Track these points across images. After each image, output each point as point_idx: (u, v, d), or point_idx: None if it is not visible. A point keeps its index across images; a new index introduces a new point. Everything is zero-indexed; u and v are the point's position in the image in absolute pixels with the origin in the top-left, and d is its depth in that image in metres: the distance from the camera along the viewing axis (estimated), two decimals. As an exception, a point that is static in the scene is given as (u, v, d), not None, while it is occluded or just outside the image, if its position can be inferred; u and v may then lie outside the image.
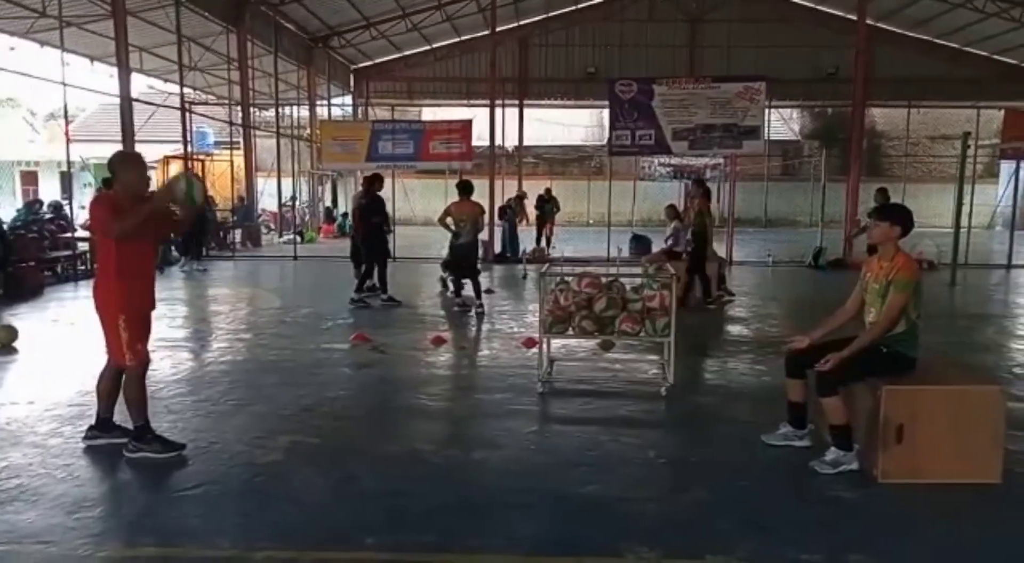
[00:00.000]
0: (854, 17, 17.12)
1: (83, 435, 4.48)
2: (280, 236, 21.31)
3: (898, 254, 4.12)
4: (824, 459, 4.07)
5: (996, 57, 24.83)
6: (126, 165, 4.27)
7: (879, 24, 23.49)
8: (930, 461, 3.93)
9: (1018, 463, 4.20)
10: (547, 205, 18.00)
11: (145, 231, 4.23)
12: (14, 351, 7.02)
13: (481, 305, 9.19)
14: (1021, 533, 3.49)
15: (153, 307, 4.42)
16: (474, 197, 9.42)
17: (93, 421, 4.48)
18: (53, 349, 7.32)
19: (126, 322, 4.17)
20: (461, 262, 9.39)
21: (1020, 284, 13.14)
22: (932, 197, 27.48)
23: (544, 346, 5.90)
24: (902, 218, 4.14)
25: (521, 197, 18.48)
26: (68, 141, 13.24)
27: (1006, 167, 25.06)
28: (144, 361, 4.30)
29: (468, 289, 9.41)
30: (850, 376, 4.07)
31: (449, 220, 9.31)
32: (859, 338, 4.07)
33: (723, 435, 4.83)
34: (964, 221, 12.87)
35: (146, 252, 4.39)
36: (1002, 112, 17.65)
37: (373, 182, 9.90)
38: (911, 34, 24.78)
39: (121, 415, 4.41)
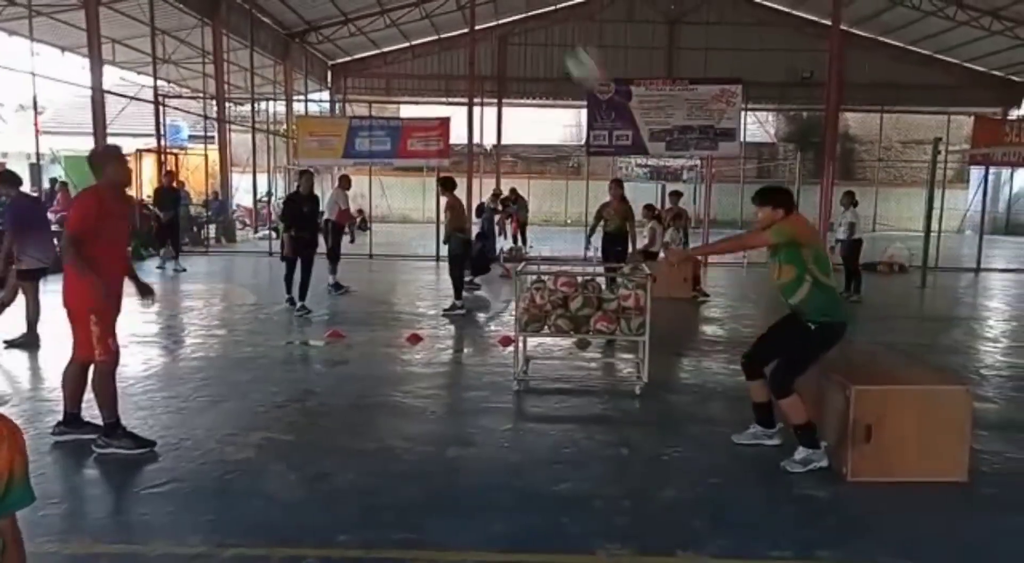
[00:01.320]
0: (829, 22, 17.32)
1: (51, 431, 4.40)
2: (255, 232, 21.11)
3: (791, 216, 4.20)
4: (794, 458, 4.12)
5: (967, 65, 25.31)
6: (107, 159, 4.26)
7: (853, 30, 23.82)
8: (899, 460, 3.99)
9: (984, 462, 4.29)
10: (513, 205, 17.94)
11: (116, 226, 4.20)
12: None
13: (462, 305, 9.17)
14: (987, 530, 3.56)
15: (119, 307, 4.35)
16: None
17: (61, 417, 4.41)
18: (20, 345, 7.18)
19: (96, 317, 4.11)
20: (462, 260, 9.40)
21: (988, 287, 13.40)
22: (903, 201, 27.95)
23: (520, 344, 5.91)
24: (779, 200, 4.22)
25: (496, 195, 18.42)
26: (37, 133, 13.02)
27: (976, 173, 25.54)
28: (115, 356, 4.23)
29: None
30: (798, 367, 4.13)
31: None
32: (720, 241, 4.43)
33: (696, 434, 4.87)
34: (934, 225, 13.08)
35: (116, 247, 4.33)
36: (972, 118, 17.98)
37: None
38: (885, 40, 25.16)
39: (90, 411, 4.35)
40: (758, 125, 30.02)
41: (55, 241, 7.04)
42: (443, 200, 9.52)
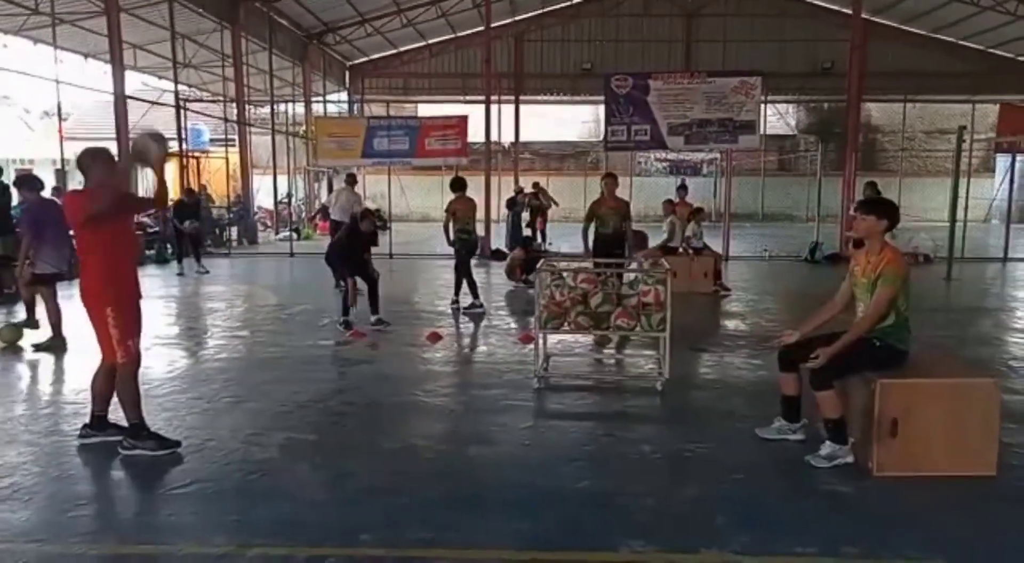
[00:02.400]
0: (850, 11, 17.10)
1: (78, 433, 4.47)
2: (276, 233, 21.27)
3: (886, 248, 4.12)
4: (819, 453, 4.07)
5: (992, 51, 24.83)
6: (96, 161, 4.22)
7: (875, 18, 23.46)
8: (925, 454, 3.93)
9: (1014, 456, 4.21)
10: (535, 201, 17.88)
11: (121, 213, 4.24)
12: (20, 350, 6.99)
13: (456, 302, 9.12)
14: (1016, 526, 3.49)
15: (139, 296, 4.39)
16: (471, 194, 9.43)
17: (88, 419, 4.47)
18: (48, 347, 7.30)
19: (114, 316, 4.15)
20: (468, 260, 9.25)
21: (1016, 277, 13.16)
22: (928, 191, 27.48)
23: (540, 341, 5.90)
24: (888, 212, 4.14)
25: (525, 191, 18.25)
26: (62, 139, 13.21)
27: (1002, 161, 25.09)
28: (135, 358, 4.28)
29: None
30: (844, 370, 4.07)
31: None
32: (848, 332, 4.07)
33: (719, 429, 4.83)
34: (960, 215, 12.87)
35: (127, 241, 4.38)
36: (997, 106, 17.67)
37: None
38: (907, 28, 24.76)
39: (116, 413, 4.41)
40: (778, 117, 29.71)
41: (72, 247, 7.15)
42: (459, 200, 9.29)
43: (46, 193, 7.63)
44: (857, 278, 4.21)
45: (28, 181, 7.20)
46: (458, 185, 9.32)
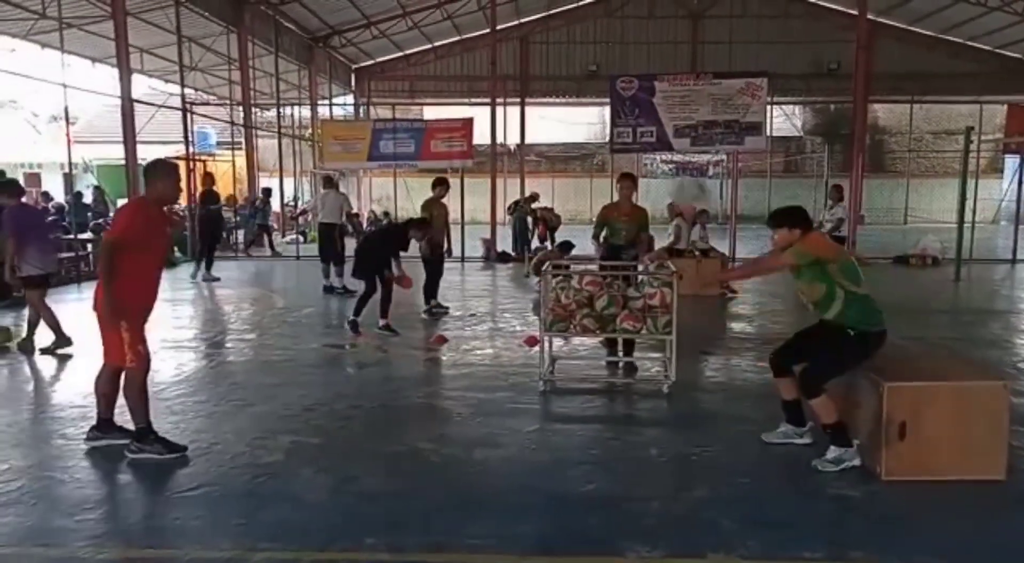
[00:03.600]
0: (856, 12, 17.05)
1: (84, 436, 4.48)
2: (283, 236, 21.30)
3: (808, 235, 4.17)
4: (826, 457, 4.05)
5: (999, 51, 24.71)
6: (163, 175, 4.31)
7: (880, 19, 23.41)
8: (934, 458, 3.91)
9: (1022, 459, 4.18)
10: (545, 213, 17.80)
11: (156, 240, 4.31)
12: (7, 351, 7.03)
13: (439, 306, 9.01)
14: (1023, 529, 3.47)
15: (152, 309, 4.42)
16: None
17: (94, 422, 4.48)
18: (55, 351, 7.33)
19: (127, 326, 4.17)
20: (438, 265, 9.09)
21: (1024, 279, 13.09)
22: (936, 192, 27.40)
23: (545, 344, 5.89)
24: (795, 220, 4.19)
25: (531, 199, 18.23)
26: (70, 143, 13.27)
27: (1011, 162, 24.98)
28: (145, 362, 4.29)
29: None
30: (831, 371, 4.07)
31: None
32: (735, 269, 4.30)
33: (725, 433, 4.81)
34: (968, 216, 12.81)
35: (156, 259, 4.39)
36: (1005, 107, 17.59)
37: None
38: (913, 29, 24.68)
39: (123, 416, 4.42)
40: (785, 118, 29.64)
41: (56, 249, 7.20)
42: (439, 202, 9.05)
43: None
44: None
45: (6, 186, 7.27)
46: (444, 184, 9.11)
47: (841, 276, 4.04)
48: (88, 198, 17.17)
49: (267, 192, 18.53)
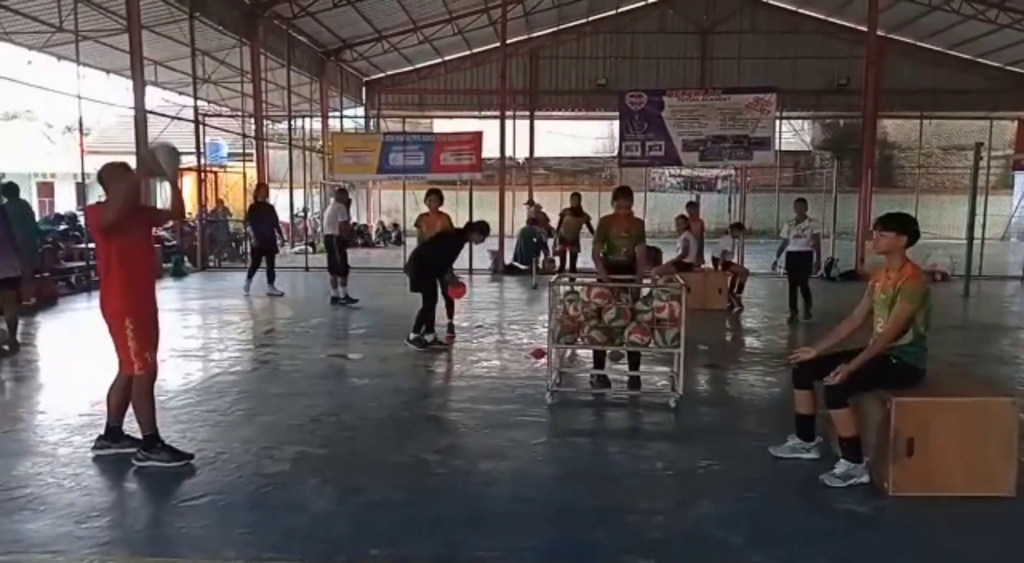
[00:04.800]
0: (865, 28, 17.09)
1: (92, 445, 4.50)
2: (292, 247, 21.41)
3: (906, 264, 4.09)
4: (834, 472, 4.03)
5: (1009, 68, 24.70)
6: (114, 175, 4.26)
7: (891, 35, 23.45)
8: (942, 474, 3.88)
9: (1032, 477, 4.14)
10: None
11: (137, 225, 4.29)
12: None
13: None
14: (1035, 548, 3.44)
15: (156, 310, 4.44)
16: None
17: (102, 431, 4.51)
18: (64, 359, 7.39)
19: (133, 328, 4.20)
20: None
21: (1035, 296, 13.01)
22: (946, 208, 27.27)
23: (553, 356, 5.89)
24: (907, 227, 4.11)
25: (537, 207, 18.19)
26: (83, 153, 13.40)
27: (1020, 178, 24.89)
28: (152, 370, 4.32)
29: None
30: (859, 387, 4.03)
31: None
32: (867, 349, 4.04)
33: (732, 447, 4.79)
34: (978, 232, 12.76)
35: (145, 253, 4.43)
36: (1015, 123, 17.55)
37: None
38: (923, 45, 24.70)
39: (130, 425, 4.44)
40: (793, 133, 29.66)
41: (15, 253, 7.34)
42: (433, 217, 8.55)
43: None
44: (876, 294, 4.18)
45: None
46: (438, 197, 8.74)
47: (921, 318, 4.02)
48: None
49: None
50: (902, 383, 4.01)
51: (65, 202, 25.35)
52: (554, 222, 15.98)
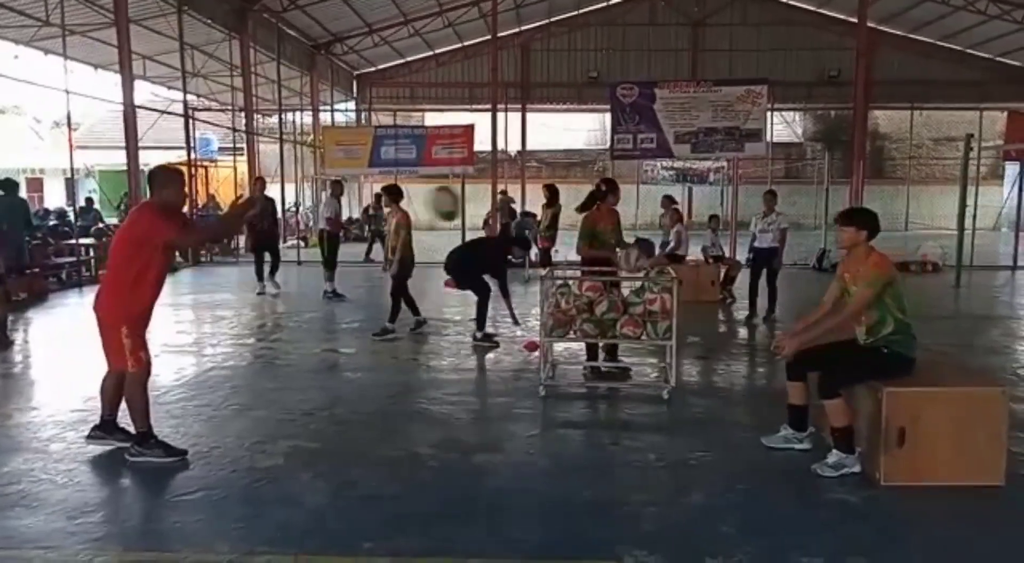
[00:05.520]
0: (856, 20, 17.10)
1: (86, 434, 4.49)
2: (284, 241, 21.33)
3: (872, 253, 4.16)
4: (826, 462, 4.06)
5: (999, 59, 24.77)
6: (169, 182, 4.33)
7: (881, 27, 23.47)
8: (933, 464, 3.91)
9: (1022, 465, 4.18)
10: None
11: (161, 249, 4.29)
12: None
13: (423, 321, 8.30)
14: (1022, 535, 3.47)
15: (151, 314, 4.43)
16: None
17: (97, 422, 4.50)
18: (56, 355, 7.35)
19: (128, 332, 4.19)
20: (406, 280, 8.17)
21: (1025, 286, 13.09)
22: (937, 199, 27.38)
23: (545, 349, 5.89)
24: (866, 221, 4.18)
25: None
26: (72, 148, 13.31)
27: (1011, 169, 24.98)
28: (147, 367, 4.31)
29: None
30: (852, 378, 4.07)
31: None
32: (820, 322, 4.19)
33: (724, 438, 4.82)
34: (969, 223, 12.82)
35: (163, 266, 4.40)
36: (1005, 114, 17.63)
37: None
38: (913, 36, 24.74)
39: (124, 418, 4.43)
40: (785, 125, 29.70)
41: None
42: (389, 213, 8.37)
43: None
44: (848, 285, 4.23)
45: None
46: (397, 192, 8.44)
47: (894, 304, 4.07)
48: (96, 204, 17.23)
49: (380, 198, 16.67)
50: (894, 373, 4.04)
51: (54, 198, 25.21)
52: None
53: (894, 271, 4.17)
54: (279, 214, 11.18)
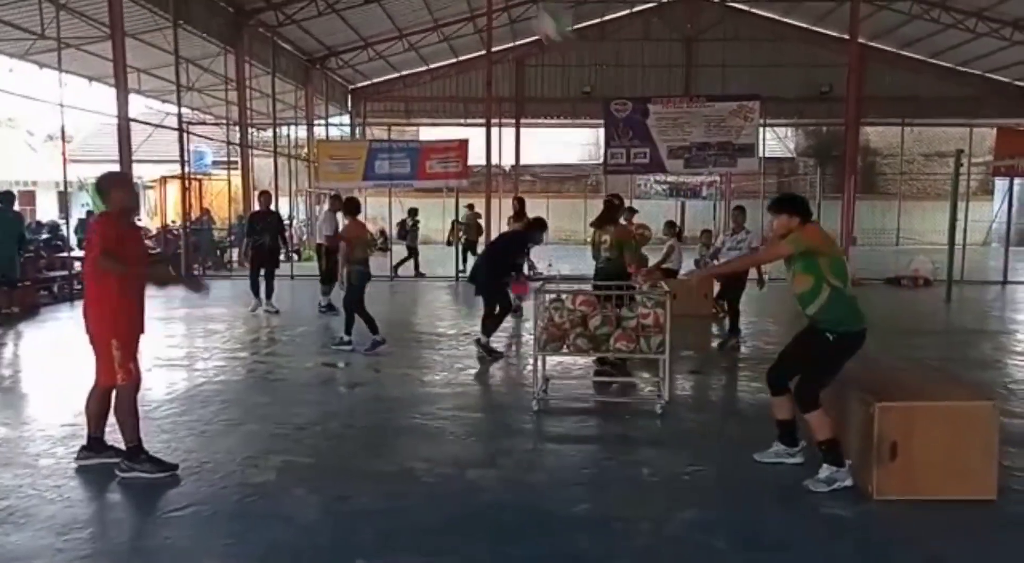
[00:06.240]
0: (847, 36, 17.28)
1: (75, 456, 4.45)
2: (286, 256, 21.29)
3: (807, 226, 4.17)
4: (818, 477, 4.05)
5: (988, 75, 25.04)
6: (114, 185, 4.32)
7: (872, 43, 23.70)
8: (925, 478, 3.91)
9: (1014, 480, 4.20)
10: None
11: (128, 255, 4.26)
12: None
13: (381, 340, 7.93)
14: (1016, 550, 3.47)
15: (143, 330, 4.41)
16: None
17: (85, 441, 4.46)
18: (46, 369, 7.31)
19: (118, 344, 4.17)
20: (360, 294, 7.97)
21: (1016, 300, 13.16)
22: (927, 214, 27.59)
23: (539, 364, 5.89)
24: (795, 207, 4.21)
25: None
26: (65, 161, 13.29)
27: (1001, 184, 25.18)
28: (136, 380, 4.29)
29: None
30: (820, 380, 4.09)
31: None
32: (728, 262, 4.23)
33: (718, 453, 4.82)
34: (959, 238, 12.91)
35: (138, 277, 4.39)
36: (995, 130, 17.80)
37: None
38: (904, 53, 25.00)
39: (113, 435, 4.40)
40: (777, 140, 29.90)
41: None
42: (343, 226, 8.36)
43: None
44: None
45: None
46: (354, 209, 8.34)
47: (829, 271, 4.07)
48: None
49: (413, 212, 17.11)
50: (850, 350, 4.07)
51: (47, 211, 25.12)
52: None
53: (828, 244, 4.18)
54: (287, 230, 10.31)
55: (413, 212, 17.18)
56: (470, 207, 17.47)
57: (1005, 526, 3.72)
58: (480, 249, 17.01)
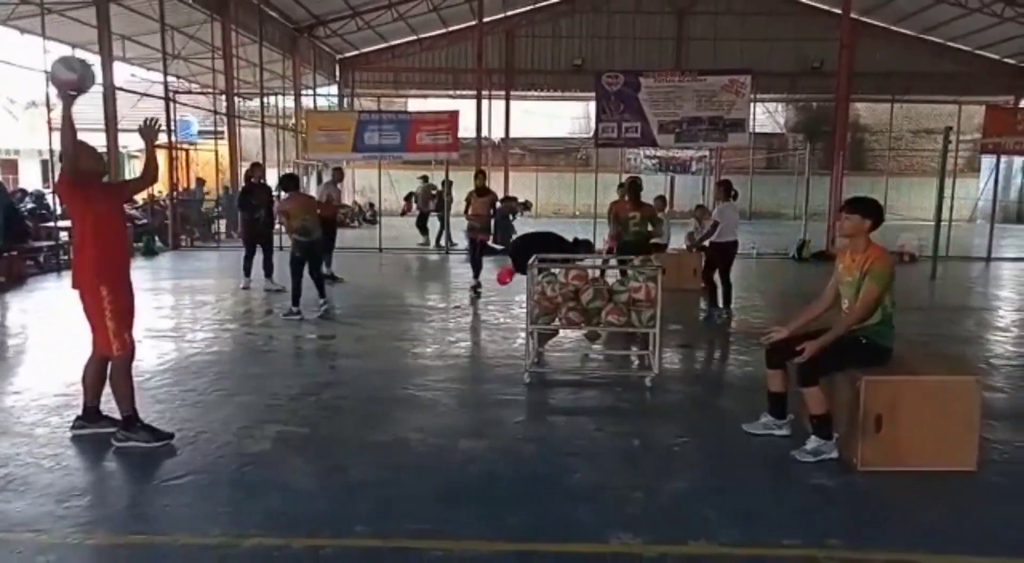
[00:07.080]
0: (839, 11, 17.22)
1: (70, 425, 4.48)
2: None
3: (871, 246, 4.19)
4: (805, 448, 4.15)
5: (979, 52, 25.08)
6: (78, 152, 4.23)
7: (864, 18, 23.64)
8: (908, 449, 4.02)
9: (993, 451, 4.31)
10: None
11: (109, 198, 4.33)
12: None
13: (326, 303, 8.42)
14: (993, 517, 3.58)
15: (132, 294, 4.42)
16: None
17: (80, 411, 4.49)
18: (36, 340, 7.30)
19: (110, 300, 4.17)
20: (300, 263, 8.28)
21: (999, 277, 13.34)
22: (914, 190, 27.78)
23: (531, 337, 5.95)
24: (872, 211, 4.20)
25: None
26: (49, 129, 13.10)
27: (987, 161, 25.34)
28: (131, 350, 4.31)
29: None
30: (830, 366, 4.14)
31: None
32: (834, 328, 4.14)
33: (707, 424, 4.91)
34: (945, 214, 13.02)
35: (119, 225, 4.43)
36: (983, 107, 17.88)
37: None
38: (896, 28, 24.96)
39: (108, 405, 4.42)
40: (767, 115, 29.90)
41: None
42: (287, 198, 8.60)
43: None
44: (842, 276, 4.28)
45: None
46: (290, 183, 8.85)
47: (889, 297, 4.11)
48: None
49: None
50: (871, 362, 4.12)
51: (30, 180, 24.80)
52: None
53: (894, 264, 4.19)
54: (274, 203, 10.13)
55: (446, 185, 16.38)
56: (424, 179, 17.41)
57: (984, 495, 3.83)
58: (432, 220, 17.16)
